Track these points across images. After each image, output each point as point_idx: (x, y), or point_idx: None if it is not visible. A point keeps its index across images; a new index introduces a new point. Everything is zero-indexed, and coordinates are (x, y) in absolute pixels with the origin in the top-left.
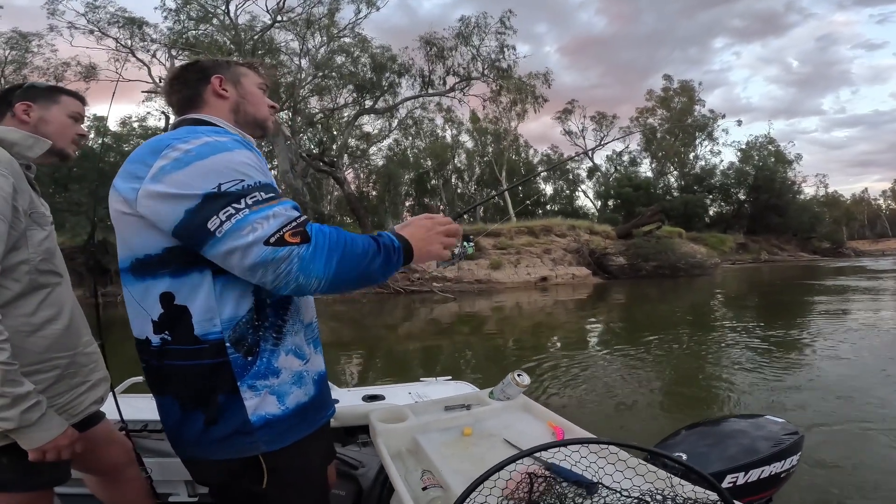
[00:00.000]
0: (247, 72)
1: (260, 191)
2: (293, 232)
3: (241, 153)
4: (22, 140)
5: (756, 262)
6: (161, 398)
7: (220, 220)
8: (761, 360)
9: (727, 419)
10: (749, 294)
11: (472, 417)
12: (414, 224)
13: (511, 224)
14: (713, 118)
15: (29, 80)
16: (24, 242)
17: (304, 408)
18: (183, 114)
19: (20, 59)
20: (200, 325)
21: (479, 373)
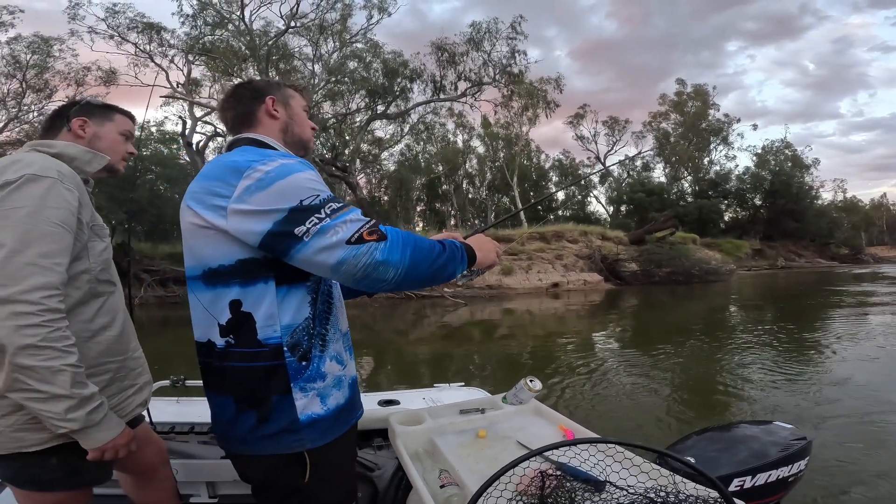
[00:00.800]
0: (294, 94)
1: (333, 202)
2: (370, 231)
3: (309, 173)
4: (81, 155)
5: (773, 268)
6: (218, 397)
7: (306, 228)
8: (774, 368)
9: (736, 425)
10: (765, 301)
11: (487, 420)
12: (472, 238)
13: (523, 230)
14: (728, 122)
15: (85, 97)
16: (86, 253)
17: (341, 409)
18: (237, 131)
19: (42, 63)
20: (263, 331)
21: (490, 378)
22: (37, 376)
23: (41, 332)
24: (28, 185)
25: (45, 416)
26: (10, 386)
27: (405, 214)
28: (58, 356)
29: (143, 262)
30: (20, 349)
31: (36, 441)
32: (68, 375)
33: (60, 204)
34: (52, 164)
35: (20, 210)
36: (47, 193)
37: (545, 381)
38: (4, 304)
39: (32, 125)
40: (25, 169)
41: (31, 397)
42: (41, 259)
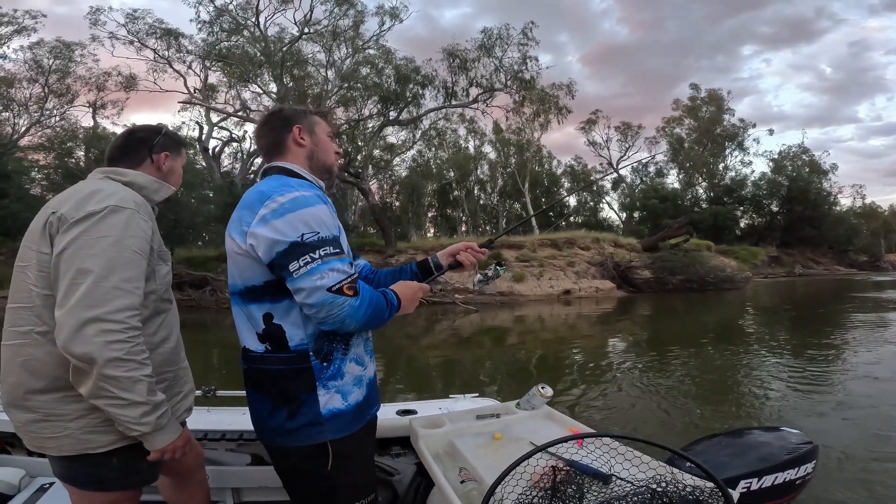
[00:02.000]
0: (319, 121)
1: (329, 245)
2: (349, 285)
3: (320, 208)
4: (149, 184)
5: (789, 275)
6: (257, 396)
7: (298, 265)
8: (788, 376)
9: (744, 430)
10: (781, 309)
11: (502, 424)
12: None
13: (534, 236)
14: (743, 127)
15: (164, 127)
16: (154, 276)
17: (361, 405)
18: (269, 158)
19: (64, 68)
20: (291, 339)
21: (502, 386)
22: (120, 385)
23: (125, 347)
24: (111, 216)
25: (123, 420)
26: (95, 393)
27: (416, 220)
28: (137, 367)
29: None
30: (108, 362)
31: (103, 443)
32: (145, 385)
33: (138, 233)
34: (129, 195)
35: (105, 239)
36: (128, 224)
37: (556, 388)
38: (95, 323)
39: (54, 129)
40: (107, 200)
41: (112, 403)
42: (124, 283)
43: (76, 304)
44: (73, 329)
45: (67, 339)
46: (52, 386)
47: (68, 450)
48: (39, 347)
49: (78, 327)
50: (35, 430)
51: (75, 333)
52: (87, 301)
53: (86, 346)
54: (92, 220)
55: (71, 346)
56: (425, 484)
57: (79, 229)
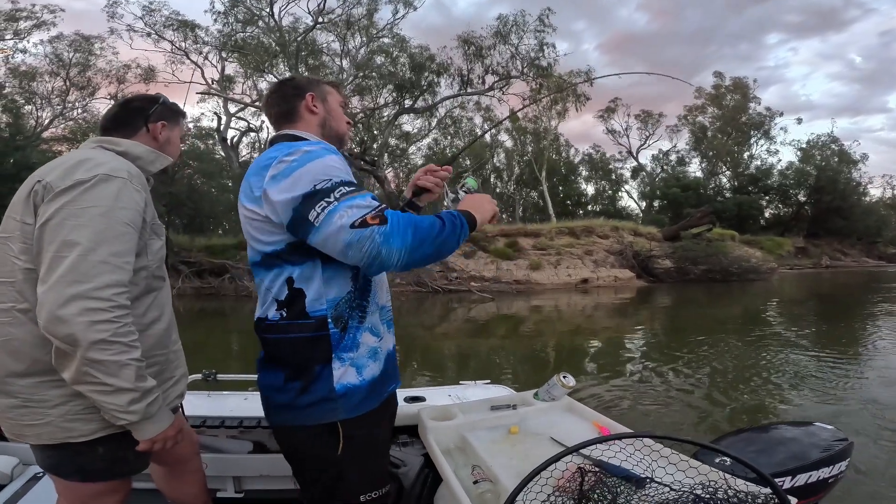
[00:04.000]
0: (331, 90)
1: (344, 185)
2: (373, 215)
3: (329, 158)
4: (146, 155)
5: (816, 267)
6: (269, 369)
7: (317, 213)
8: (815, 370)
9: (775, 426)
10: (808, 301)
11: (518, 417)
12: (467, 201)
13: (551, 224)
14: (770, 116)
15: (161, 96)
16: (145, 251)
17: (376, 381)
18: (279, 126)
19: (84, 61)
20: (311, 304)
21: (517, 375)
22: (105, 370)
23: (112, 328)
24: (100, 185)
25: (109, 408)
26: (79, 378)
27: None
28: (125, 351)
29: (181, 254)
30: (92, 344)
31: (86, 431)
32: (133, 370)
33: (130, 204)
34: (121, 164)
35: (93, 209)
36: (119, 194)
37: (575, 378)
38: (79, 300)
39: (77, 122)
40: (97, 169)
41: (97, 390)
42: (112, 258)
43: (59, 279)
44: (56, 307)
45: (49, 318)
46: (33, 369)
47: (48, 438)
48: (20, 326)
49: (61, 305)
50: (14, 417)
51: (58, 312)
52: (71, 276)
53: (69, 327)
54: (80, 188)
55: (53, 326)
56: (433, 476)
57: (65, 198)
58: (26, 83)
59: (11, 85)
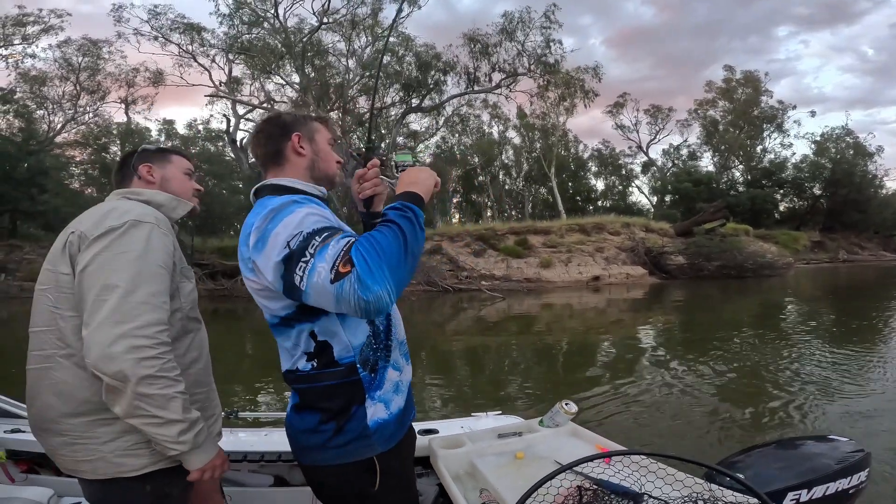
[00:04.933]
0: (320, 127)
1: (317, 235)
2: (343, 262)
3: (301, 211)
4: (168, 202)
5: (833, 261)
6: (303, 413)
7: (299, 276)
8: (835, 373)
9: (789, 440)
10: (825, 297)
11: (524, 443)
12: (405, 178)
13: (561, 222)
14: (782, 109)
15: (142, 145)
16: (178, 293)
17: (401, 412)
18: (266, 169)
19: (93, 65)
20: (339, 353)
21: (526, 386)
22: (155, 403)
23: (157, 364)
24: (131, 230)
25: (161, 440)
26: (131, 412)
27: (441, 207)
28: (171, 384)
29: (194, 256)
30: (141, 379)
31: (136, 466)
32: (179, 402)
33: (160, 247)
34: (147, 210)
35: (128, 254)
36: (149, 237)
37: (583, 390)
38: (125, 339)
39: (89, 126)
40: (126, 216)
41: (148, 422)
42: (151, 298)
43: (104, 321)
44: (104, 346)
45: (98, 357)
46: (82, 409)
47: (102, 473)
48: (65, 371)
49: (108, 344)
50: (67, 454)
51: (106, 351)
52: (115, 317)
53: (118, 364)
54: (113, 234)
55: (102, 364)
56: None
57: (101, 244)
58: (37, 88)
59: (22, 90)
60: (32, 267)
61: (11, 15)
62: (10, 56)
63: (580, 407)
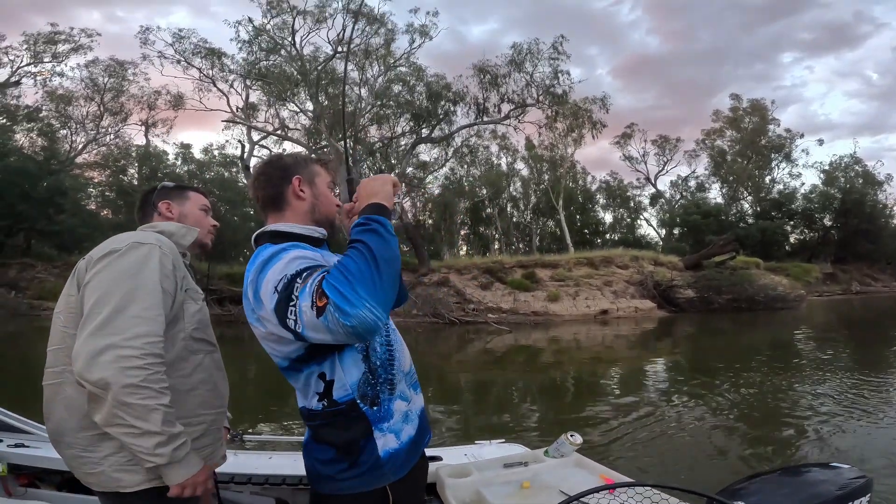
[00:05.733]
0: (320, 170)
1: (297, 278)
2: (319, 296)
3: (283, 259)
4: (177, 230)
5: (846, 293)
6: (320, 446)
7: (293, 319)
8: (844, 405)
9: (791, 467)
10: (837, 329)
11: (530, 473)
12: (362, 192)
13: (569, 255)
14: (790, 138)
15: (162, 182)
16: (182, 314)
17: (413, 440)
18: (266, 212)
19: (118, 86)
20: (337, 392)
21: (531, 418)
22: (134, 413)
23: (142, 374)
24: (131, 251)
25: (136, 450)
26: (109, 421)
27: (449, 238)
28: (154, 396)
29: (202, 281)
30: (123, 388)
31: (131, 482)
32: (160, 414)
33: (156, 267)
34: (152, 235)
35: (125, 272)
36: (148, 256)
37: (588, 422)
38: (112, 349)
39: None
40: (129, 239)
41: (126, 432)
42: (144, 311)
43: (93, 332)
44: (89, 356)
45: (83, 365)
46: (86, 423)
47: (103, 486)
48: (73, 386)
49: (94, 354)
50: (76, 466)
51: (91, 360)
52: (105, 330)
53: (101, 372)
54: (114, 255)
55: (86, 371)
56: None
57: (102, 264)
58: (62, 107)
59: (48, 108)
60: (43, 285)
61: (44, 32)
62: (39, 73)
63: (585, 437)
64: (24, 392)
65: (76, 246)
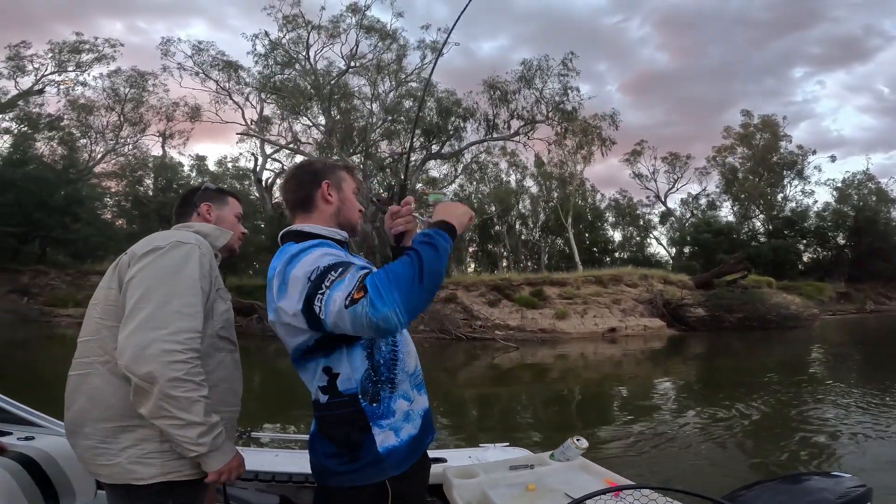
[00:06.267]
0: (346, 176)
1: (332, 270)
2: (358, 289)
3: (313, 252)
4: (212, 231)
5: (860, 312)
6: (322, 437)
7: (319, 306)
8: (854, 421)
9: (793, 475)
10: (851, 348)
11: (536, 475)
12: (442, 210)
13: (578, 273)
14: (802, 154)
15: (205, 183)
16: (211, 312)
17: (414, 438)
18: (294, 214)
19: (138, 97)
20: (342, 384)
21: (537, 426)
22: (178, 405)
23: (185, 368)
24: (173, 250)
25: (180, 440)
26: (155, 413)
27: (457, 255)
28: (196, 388)
29: None
30: (168, 381)
31: (145, 475)
32: (202, 405)
33: (197, 265)
34: (191, 235)
35: (168, 268)
36: (188, 255)
37: (595, 430)
38: (158, 343)
39: (127, 158)
40: (171, 238)
41: (171, 423)
42: (185, 307)
43: (139, 326)
44: (137, 349)
45: (131, 358)
46: (108, 414)
47: (117, 478)
48: (101, 377)
49: (142, 347)
50: (90, 457)
51: (139, 353)
52: (150, 323)
53: (149, 365)
54: (157, 252)
55: (134, 365)
56: None
57: (146, 260)
58: (83, 116)
59: (69, 117)
60: (55, 293)
61: (69, 41)
62: (62, 83)
63: (590, 445)
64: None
65: (90, 254)
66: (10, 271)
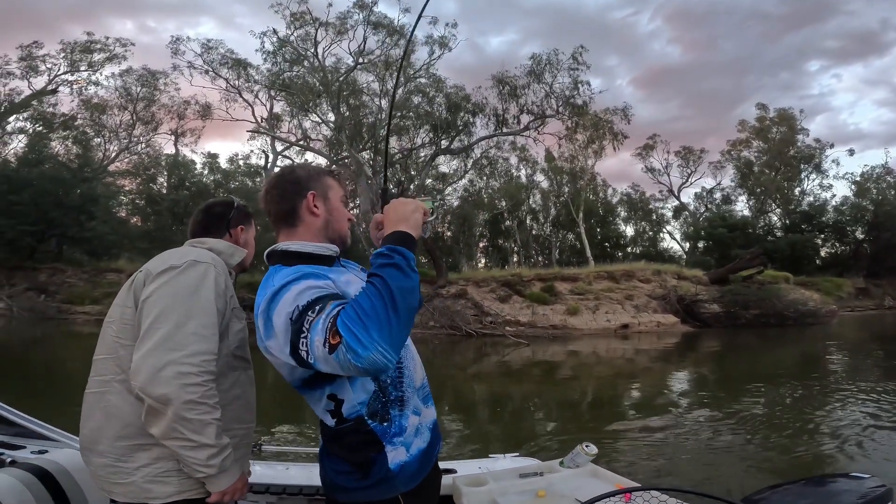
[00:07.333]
0: (333, 184)
1: (309, 311)
2: (332, 334)
3: (292, 290)
4: (226, 249)
5: (879, 308)
6: (336, 459)
7: (305, 350)
8: (873, 420)
9: (814, 477)
10: (869, 345)
11: (545, 482)
12: (391, 215)
13: (590, 269)
14: (820, 148)
15: (237, 201)
16: (227, 331)
17: (424, 451)
18: (278, 228)
19: (149, 96)
20: (347, 410)
21: (547, 430)
22: (191, 427)
23: (200, 391)
24: (190, 269)
25: (190, 462)
26: (167, 434)
27: (468, 251)
28: (209, 411)
29: None
30: (183, 404)
31: (161, 494)
32: (214, 428)
33: (213, 285)
34: (207, 254)
35: (185, 289)
36: (205, 275)
37: (605, 432)
38: (173, 365)
39: (140, 156)
40: (187, 256)
41: (182, 445)
42: (201, 329)
43: (155, 347)
44: (153, 370)
45: (146, 380)
46: (125, 433)
47: (131, 497)
48: (118, 395)
49: (157, 369)
50: (104, 475)
51: (154, 375)
52: (166, 345)
53: (164, 388)
54: (174, 272)
55: (149, 386)
56: None
57: (162, 279)
58: (97, 116)
59: (83, 117)
60: (72, 290)
61: (81, 41)
62: (75, 82)
63: (602, 448)
64: (36, 398)
65: (106, 252)
66: (28, 269)
